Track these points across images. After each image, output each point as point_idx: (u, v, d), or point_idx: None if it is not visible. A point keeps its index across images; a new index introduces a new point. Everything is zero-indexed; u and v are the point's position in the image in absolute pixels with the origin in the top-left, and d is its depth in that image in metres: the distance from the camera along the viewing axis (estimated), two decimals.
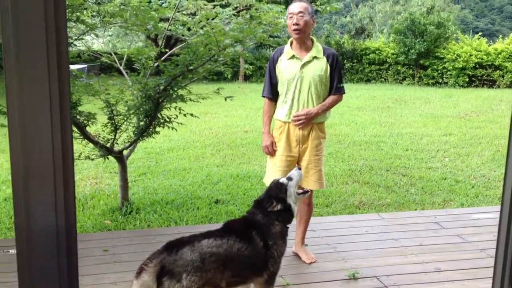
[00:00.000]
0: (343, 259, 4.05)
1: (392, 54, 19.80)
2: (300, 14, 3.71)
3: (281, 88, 3.90)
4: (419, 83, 19.39)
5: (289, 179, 3.07)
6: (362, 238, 4.51)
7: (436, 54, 19.17)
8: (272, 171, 3.95)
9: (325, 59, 3.84)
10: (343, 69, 20.29)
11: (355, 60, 20.38)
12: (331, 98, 3.90)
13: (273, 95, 3.96)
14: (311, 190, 3.90)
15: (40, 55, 0.81)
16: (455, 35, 20.05)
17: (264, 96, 4.01)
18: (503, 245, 1.13)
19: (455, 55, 18.70)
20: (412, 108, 13.32)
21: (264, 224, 2.88)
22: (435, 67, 19.09)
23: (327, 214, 5.59)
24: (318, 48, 3.86)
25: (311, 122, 3.85)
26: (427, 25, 18.96)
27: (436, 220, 4.93)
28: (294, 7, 3.75)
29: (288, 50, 3.87)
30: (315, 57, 3.82)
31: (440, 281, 3.70)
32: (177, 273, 2.49)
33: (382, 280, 3.69)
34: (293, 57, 3.84)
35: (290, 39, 3.92)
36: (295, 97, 3.82)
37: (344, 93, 3.99)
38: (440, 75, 19.06)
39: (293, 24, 3.74)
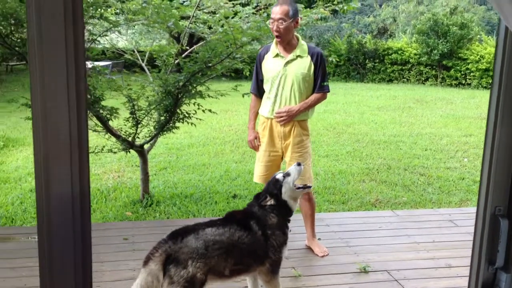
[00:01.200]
0: (355, 253, 4.13)
1: (415, 54, 19.66)
2: (280, 21, 3.77)
3: (266, 85, 3.99)
4: (442, 84, 19.23)
5: (287, 175, 3.09)
6: (375, 234, 4.59)
7: (459, 55, 18.97)
8: (257, 166, 4.10)
9: (309, 57, 3.91)
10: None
11: (377, 60, 20.29)
12: (314, 96, 3.96)
13: (258, 91, 4.08)
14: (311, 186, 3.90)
15: (59, 46, 0.93)
16: (478, 36, 19.82)
17: (251, 92, 4.16)
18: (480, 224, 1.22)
19: (479, 56, 18.48)
20: (433, 108, 13.27)
21: (260, 215, 2.96)
22: (458, 68, 18.90)
23: (343, 211, 5.66)
24: (302, 47, 3.93)
25: (292, 119, 3.92)
26: (450, 25, 18.80)
27: (450, 218, 4.98)
28: (275, 12, 3.79)
29: (273, 48, 3.96)
30: (298, 56, 3.90)
31: (450, 276, 3.76)
32: (182, 260, 2.59)
33: (393, 274, 3.76)
34: (277, 55, 3.93)
35: None
36: (278, 94, 3.91)
37: (328, 91, 4.02)
38: (463, 76, 18.87)
39: (275, 31, 3.82)
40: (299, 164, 3.15)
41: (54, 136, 0.91)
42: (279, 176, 3.10)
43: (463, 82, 18.85)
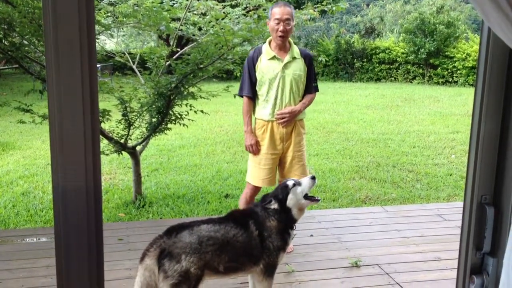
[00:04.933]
0: (346, 249, 4.22)
1: (402, 53, 19.86)
2: (287, 21, 3.86)
3: (261, 88, 4.02)
4: (429, 82, 19.43)
5: (298, 184, 3.05)
6: (366, 230, 4.68)
7: (446, 53, 19.19)
8: (258, 169, 4.08)
9: (302, 59, 4.01)
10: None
11: (365, 60, 20.46)
12: (309, 96, 4.09)
13: (253, 94, 4.06)
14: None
15: (74, 52, 0.99)
16: (465, 34, 20.05)
17: (243, 95, 4.08)
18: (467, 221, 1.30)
19: (465, 54, 18.71)
20: (421, 106, 13.43)
21: (261, 216, 2.97)
22: (445, 66, 19.12)
23: (334, 208, 5.75)
24: (295, 50, 4.02)
25: (294, 119, 4.01)
26: (436, 24, 19.01)
27: (438, 212, 5.09)
28: (282, 13, 3.85)
29: (267, 50, 3.99)
30: (294, 58, 3.99)
31: (439, 269, 3.86)
32: (176, 254, 2.64)
33: (383, 268, 3.85)
34: (273, 57, 3.96)
35: (269, 39, 4.05)
36: (278, 96, 3.96)
37: (318, 91, 4.16)
38: (450, 74, 19.09)
39: (280, 31, 3.87)
40: (313, 178, 3.08)
41: (69, 131, 0.98)
42: (289, 182, 3.05)
43: (450, 80, 19.07)
